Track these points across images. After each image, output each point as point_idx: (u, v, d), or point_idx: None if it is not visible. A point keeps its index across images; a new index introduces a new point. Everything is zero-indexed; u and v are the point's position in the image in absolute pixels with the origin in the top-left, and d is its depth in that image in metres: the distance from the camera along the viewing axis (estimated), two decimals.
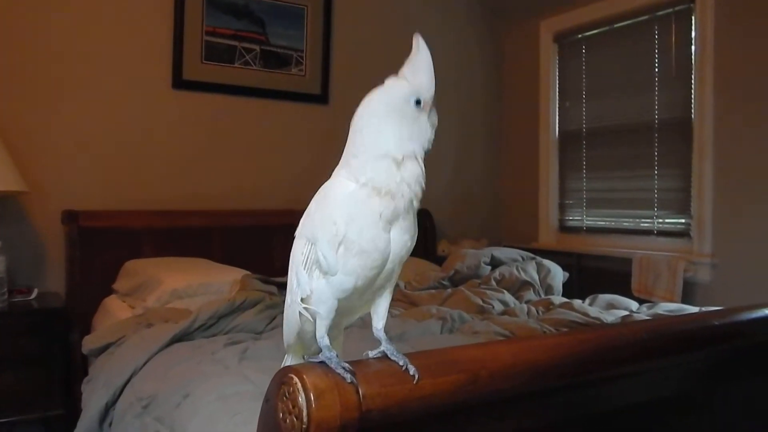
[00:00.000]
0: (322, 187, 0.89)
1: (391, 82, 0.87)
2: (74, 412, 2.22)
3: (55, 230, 2.80)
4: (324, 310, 0.86)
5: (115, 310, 2.57)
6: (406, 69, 0.87)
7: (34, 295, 2.59)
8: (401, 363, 0.84)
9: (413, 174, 0.84)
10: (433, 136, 0.87)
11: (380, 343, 0.88)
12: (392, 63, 0.85)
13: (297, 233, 0.91)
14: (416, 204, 0.85)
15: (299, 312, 0.89)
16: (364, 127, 0.85)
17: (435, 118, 0.87)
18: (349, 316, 0.95)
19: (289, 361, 1.02)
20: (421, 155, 0.85)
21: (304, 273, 0.87)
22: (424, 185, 0.85)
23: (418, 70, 0.86)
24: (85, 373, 2.21)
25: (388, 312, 0.93)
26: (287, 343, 0.99)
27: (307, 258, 0.87)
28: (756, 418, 1.47)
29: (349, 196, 0.83)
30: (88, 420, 1.85)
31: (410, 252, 0.88)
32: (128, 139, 3.01)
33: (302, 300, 0.88)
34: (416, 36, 0.87)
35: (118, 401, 1.82)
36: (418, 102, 0.85)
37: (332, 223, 0.83)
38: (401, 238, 0.85)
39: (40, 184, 2.75)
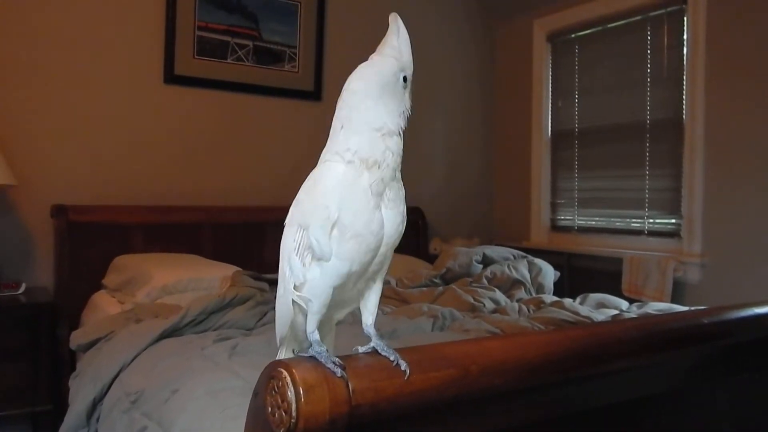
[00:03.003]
0: (311, 174, 0.89)
1: (379, 60, 0.89)
2: (62, 407, 2.20)
3: (43, 224, 2.77)
4: (316, 304, 0.85)
5: (104, 305, 2.55)
6: (388, 48, 0.90)
7: (21, 290, 2.57)
8: (392, 358, 0.84)
9: (397, 145, 0.86)
10: (409, 112, 0.91)
11: (371, 339, 0.88)
12: None
13: (287, 222, 0.91)
14: (399, 175, 0.88)
15: (292, 300, 0.88)
16: (358, 103, 0.86)
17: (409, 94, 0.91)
18: (340, 309, 0.94)
19: (282, 356, 1.01)
20: (401, 130, 0.88)
21: (297, 260, 0.87)
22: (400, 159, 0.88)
23: (403, 48, 0.89)
24: (73, 369, 2.19)
25: (380, 309, 0.92)
26: (280, 336, 0.97)
27: (299, 244, 0.86)
28: (744, 414, 1.48)
29: (341, 178, 0.84)
30: (75, 415, 1.83)
31: (401, 235, 0.89)
32: (119, 134, 2.98)
33: (295, 288, 0.87)
34: (394, 15, 0.90)
35: (105, 396, 1.81)
36: (405, 78, 0.88)
37: (324, 207, 0.83)
38: (394, 219, 0.86)
39: (29, 178, 2.73)
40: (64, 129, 2.86)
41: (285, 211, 0.91)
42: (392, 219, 0.86)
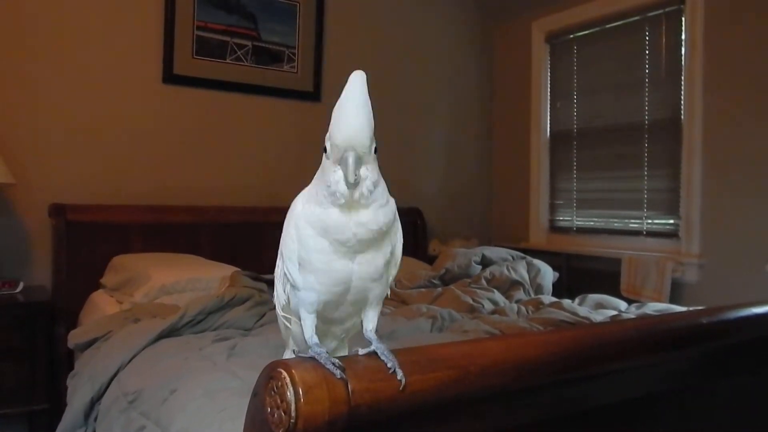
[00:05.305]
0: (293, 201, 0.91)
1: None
2: (59, 406, 2.20)
3: (41, 223, 2.77)
4: (304, 315, 0.89)
5: (102, 304, 2.55)
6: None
7: (19, 288, 2.56)
8: (389, 365, 0.83)
9: (336, 221, 0.81)
10: (350, 178, 0.78)
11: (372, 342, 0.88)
12: (385, 60, 0.85)
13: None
14: (369, 238, 0.82)
15: (282, 320, 0.97)
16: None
17: (350, 161, 0.78)
18: (339, 325, 0.95)
19: (288, 354, 1.05)
20: (347, 196, 0.79)
21: (279, 285, 0.94)
22: (373, 227, 0.81)
23: (335, 116, 0.80)
24: (71, 368, 2.19)
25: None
26: (285, 342, 1.06)
27: (281, 272, 0.92)
28: (742, 414, 1.48)
29: (301, 218, 0.85)
30: (73, 414, 1.83)
31: (382, 274, 0.87)
32: (117, 133, 2.98)
33: (282, 309, 0.96)
34: (353, 75, 0.79)
35: (103, 396, 1.81)
36: (325, 149, 0.82)
37: (291, 240, 0.86)
38: (366, 260, 0.85)
39: (27, 177, 2.72)
40: (63, 128, 2.85)
41: (283, 211, 0.91)
42: (364, 260, 0.84)
